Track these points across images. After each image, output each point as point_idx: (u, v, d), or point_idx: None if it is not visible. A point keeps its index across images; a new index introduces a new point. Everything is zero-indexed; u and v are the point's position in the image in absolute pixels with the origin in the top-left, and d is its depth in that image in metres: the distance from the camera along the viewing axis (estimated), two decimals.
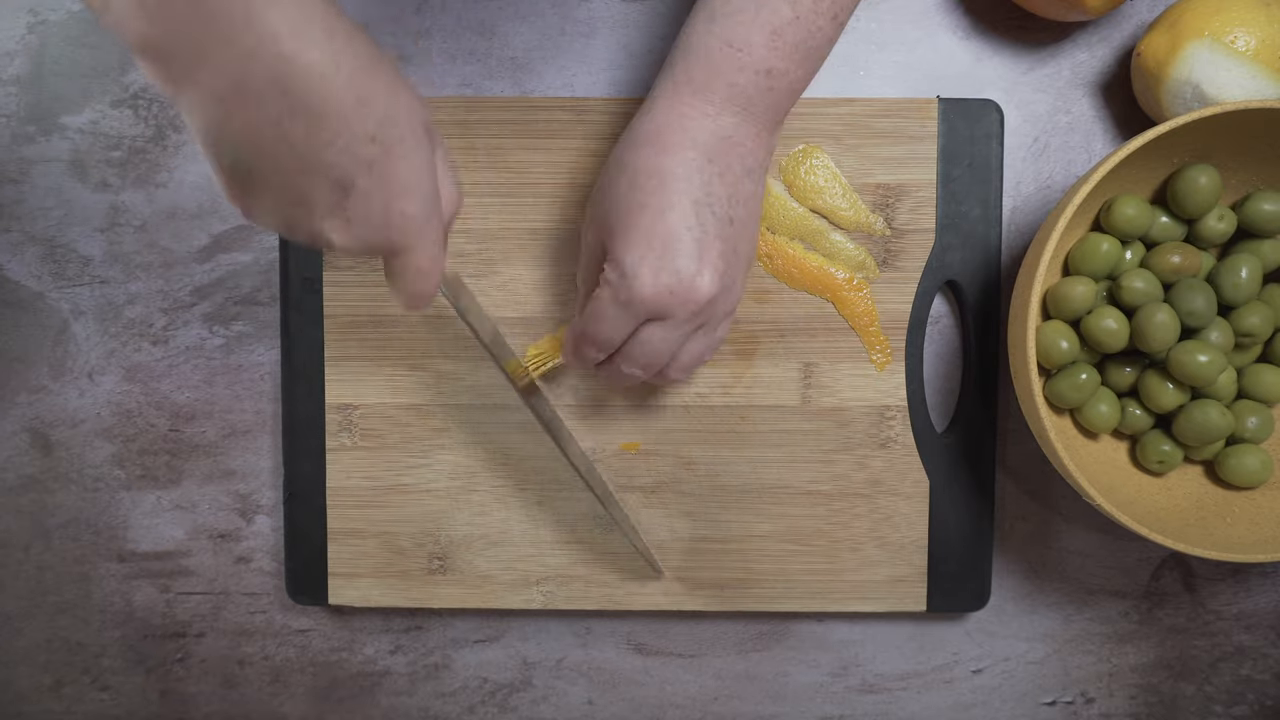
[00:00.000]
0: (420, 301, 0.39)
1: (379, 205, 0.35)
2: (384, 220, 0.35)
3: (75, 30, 0.55)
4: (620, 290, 0.42)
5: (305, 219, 0.35)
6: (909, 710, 0.57)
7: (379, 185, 0.34)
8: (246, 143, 0.32)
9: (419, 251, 0.37)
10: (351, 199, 0.34)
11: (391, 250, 0.37)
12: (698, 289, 0.42)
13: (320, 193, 0.34)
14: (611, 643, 0.57)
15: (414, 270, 0.38)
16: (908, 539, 0.54)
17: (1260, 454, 0.50)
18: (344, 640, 0.58)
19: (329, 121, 0.32)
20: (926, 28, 0.55)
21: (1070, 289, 0.48)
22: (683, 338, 0.44)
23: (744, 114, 0.43)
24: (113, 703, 0.58)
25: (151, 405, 0.56)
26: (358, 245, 0.36)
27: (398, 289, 0.38)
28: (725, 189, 0.42)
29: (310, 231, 0.35)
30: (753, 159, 0.43)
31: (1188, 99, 0.49)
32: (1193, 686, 0.57)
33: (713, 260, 0.42)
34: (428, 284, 0.38)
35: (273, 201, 0.34)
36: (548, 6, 0.55)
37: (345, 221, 0.35)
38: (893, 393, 0.54)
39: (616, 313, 0.43)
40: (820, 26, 0.42)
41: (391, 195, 0.35)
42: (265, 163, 0.32)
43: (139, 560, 0.57)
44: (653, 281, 0.42)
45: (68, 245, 0.56)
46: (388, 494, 0.54)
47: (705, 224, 0.42)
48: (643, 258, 0.42)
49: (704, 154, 0.42)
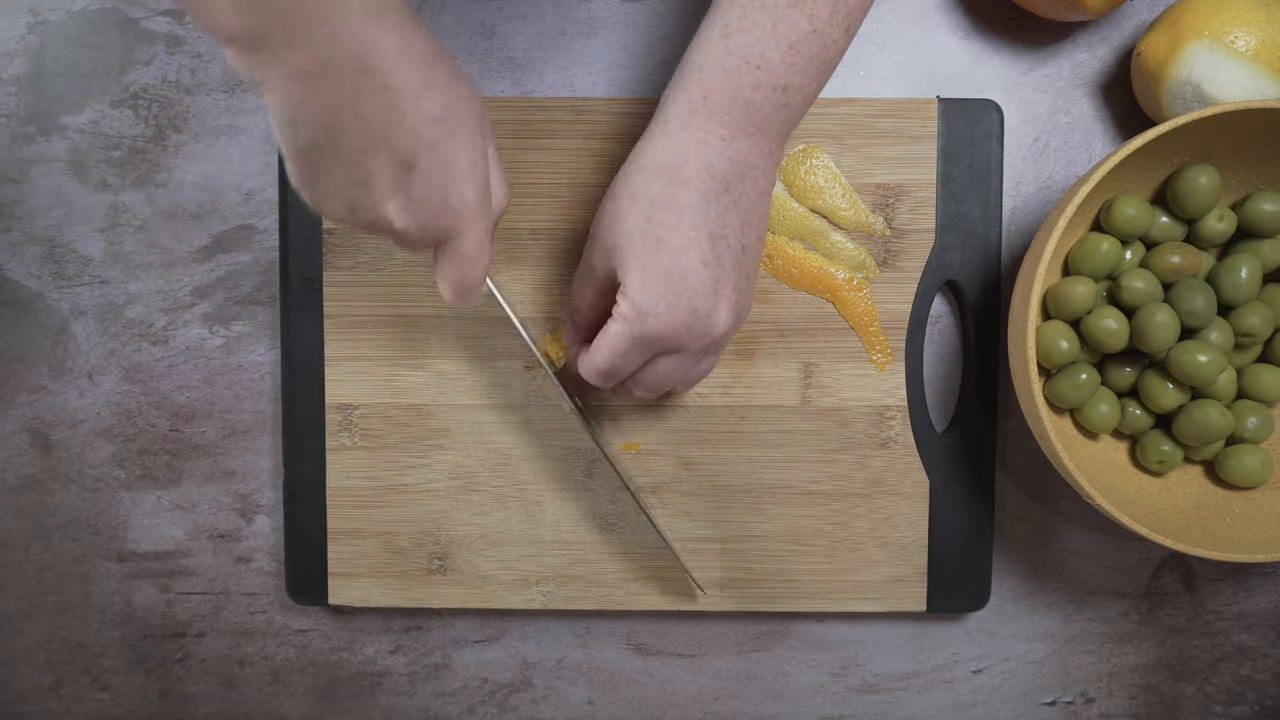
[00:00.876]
0: (467, 292, 0.40)
1: (438, 187, 0.37)
2: (442, 202, 0.37)
3: (75, 30, 0.55)
4: (635, 326, 0.42)
5: (368, 199, 0.36)
6: (909, 710, 0.57)
7: (439, 166, 0.36)
8: (322, 120, 0.34)
9: (470, 239, 0.39)
10: (412, 179, 0.36)
11: (445, 234, 0.38)
12: (714, 324, 0.42)
13: (384, 171, 0.35)
14: (611, 643, 0.57)
15: (464, 258, 0.39)
16: (908, 539, 0.54)
17: (1260, 454, 0.50)
18: (344, 640, 0.58)
19: (400, 100, 0.34)
20: (926, 28, 0.55)
21: (1070, 289, 0.48)
22: (694, 364, 0.45)
23: (758, 134, 0.42)
24: (113, 703, 0.58)
25: (151, 405, 0.56)
26: (416, 227, 0.37)
27: (447, 277, 0.40)
28: (739, 217, 0.42)
29: (372, 212, 0.37)
30: (765, 180, 0.43)
31: (1188, 99, 0.49)
32: (1193, 686, 0.57)
33: (728, 293, 0.42)
34: (476, 273, 0.40)
35: (339, 181, 0.36)
36: (548, 6, 0.55)
37: (406, 200, 0.36)
38: (893, 393, 0.54)
39: (630, 346, 0.43)
40: (835, 39, 0.42)
41: (450, 178, 0.37)
42: (337, 140, 0.34)
43: (139, 560, 0.57)
44: (669, 319, 0.41)
45: (68, 245, 0.56)
46: (388, 494, 0.54)
47: (721, 257, 0.42)
48: (660, 295, 0.41)
49: (720, 183, 0.42)
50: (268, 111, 0.34)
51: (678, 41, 0.55)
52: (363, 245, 0.53)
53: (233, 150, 0.55)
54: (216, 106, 0.55)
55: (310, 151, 0.35)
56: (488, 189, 0.39)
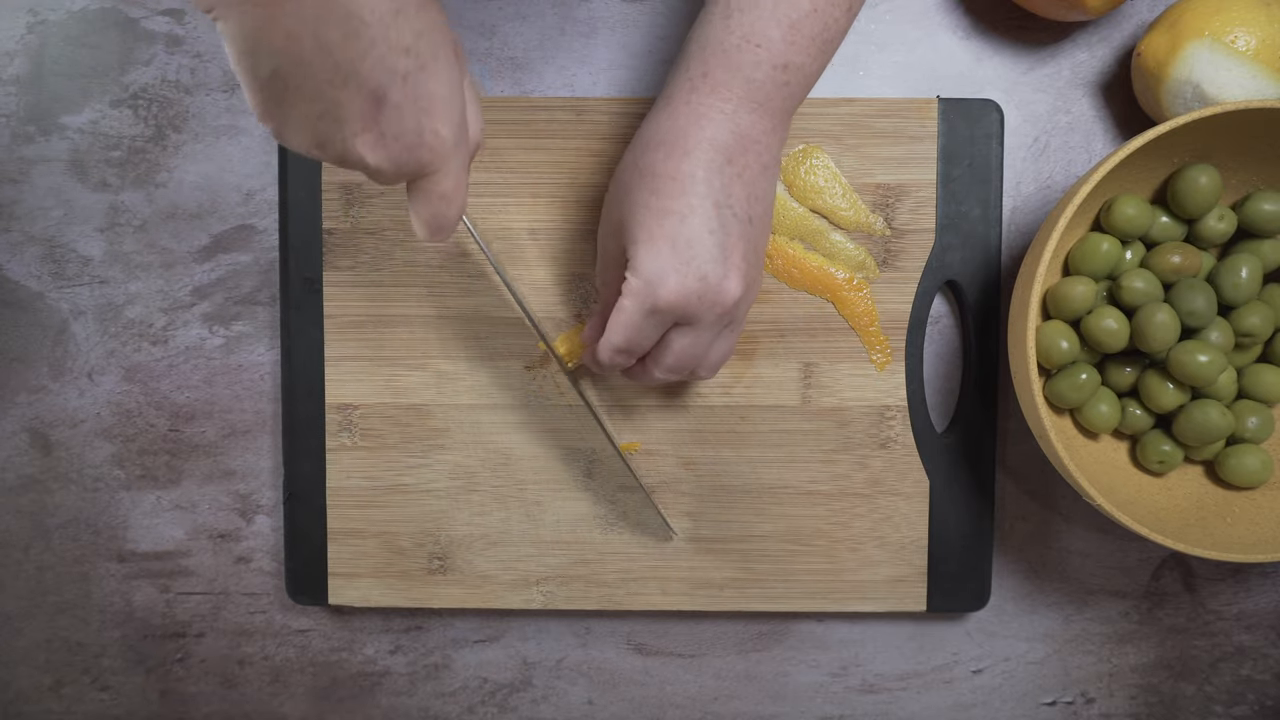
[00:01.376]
0: (442, 230, 0.39)
1: (411, 121, 0.35)
2: (416, 138, 0.35)
3: (75, 30, 0.55)
4: (646, 298, 0.42)
5: (337, 134, 0.34)
6: (909, 710, 0.57)
7: (411, 100, 0.34)
8: (284, 50, 0.32)
9: (446, 174, 0.37)
10: (384, 113, 0.34)
11: (420, 170, 0.37)
12: (725, 291, 0.42)
13: (354, 104, 0.34)
14: (611, 643, 0.57)
15: (439, 195, 0.38)
16: (908, 539, 0.54)
17: (1260, 454, 0.50)
18: (344, 640, 0.58)
19: (367, 30, 0.32)
20: (926, 28, 0.55)
21: (1070, 289, 0.48)
22: (711, 339, 0.45)
23: (760, 110, 0.42)
24: (113, 703, 0.58)
25: (151, 405, 0.56)
26: (388, 164, 0.36)
27: (421, 215, 0.38)
28: (744, 189, 0.42)
29: (342, 148, 0.35)
30: (769, 155, 0.43)
31: (1188, 99, 0.49)
32: (1193, 686, 0.57)
33: (736, 262, 0.42)
34: (452, 210, 0.38)
35: (305, 114, 0.34)
36: (548, 6, 0.55)
37: (378, 136, 0.35)
38: (893, 393, 0.54)
39: (643, 320, 0.43)
40: (836, 18, 0.42)
41: (423, 111, 0.35)
42: (301, 71, 0.32)
43: (139, 560, 0.57)
44: (679, 287, 0.41)
45: (68, 245, 0.56)
46: (388, 494, 0.54)
47: (727, 226, 0.42)
48: (668, 264, 0.41)
49: (723, 154, 0.42)
50: (224, 40, 0.32)
51: (677, 42, 0.55)
52: (363, 245, 0.53)
53: (233, 150, 0.55)
54: (216, 106, 0.55)
55: (272, 82, 0.32)
56: (464, 123, 0.37)
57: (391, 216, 0.53)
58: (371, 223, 0.53)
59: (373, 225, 0.53)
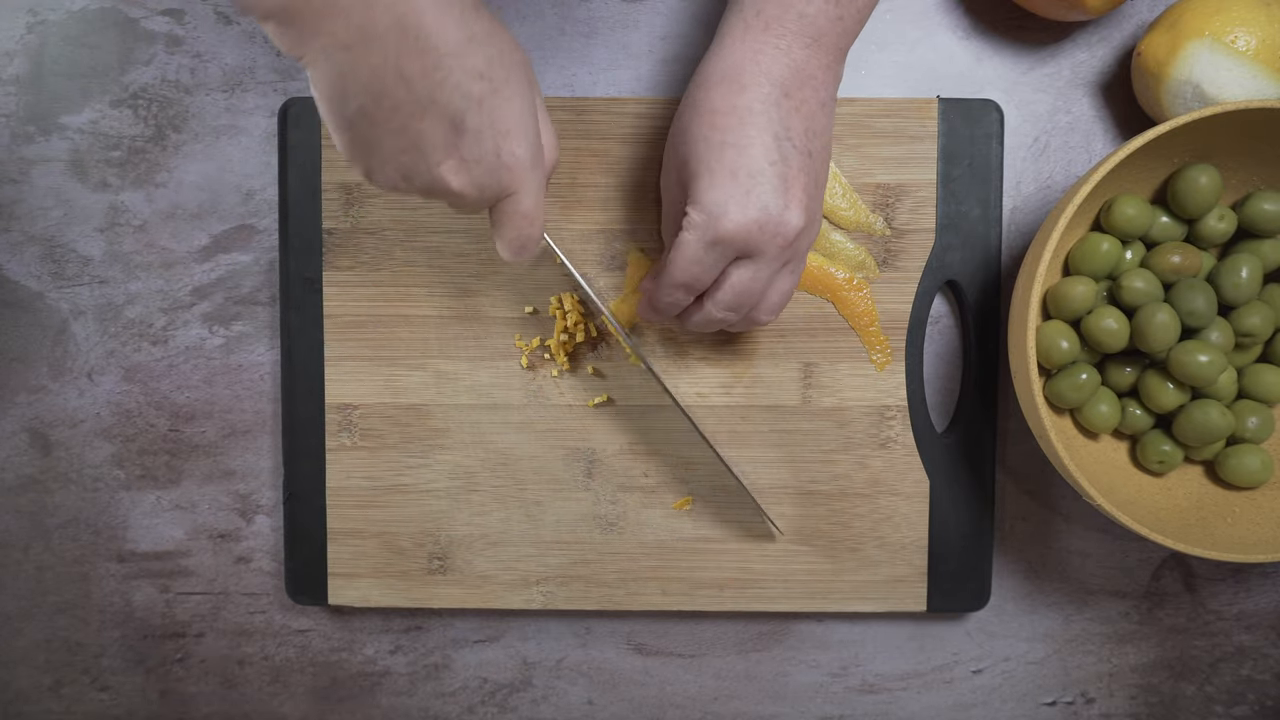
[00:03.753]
0: (526, 249, 0.41)
1: (490, 145, 0.37)
2: (495, 160, 0.37)
3: (75, 30, 0.55)
4: (708, 230, 0.42)
5: (421, 164, 0.36)
6: (909, 710, 0.57)
7: (488, 124, 0.36)
8: (368, 87, 0.34)
9: (526, 194, 0.39)
10: (464, 139, 0.36)
11: (501, 192, 0.38)
12: (786, 223, 0.42)
13: (435, 133, 0.35)
14: (611, 643, 0.57)
15: (521, 214, 0.39)
16: (908, 539, 0.54)
17: (1260, 454, 0.50)
18: (344, 640, 0.58)
19: (444, 59, 0.34)
20: (926, 28, 0.55)
21: (1070, 289, 0.48)
22: (771, 276, 0.44)
23: (815, 45, 0.43)
24: (113, 703, 0.58)
25: (151, 405, 0.56)
26: (471, 188, 0.37)
27: (506, 237, 0.40)
28: (802, 122, 0.43)
29: (428, 177, 0.37)
30: (825, 91, 0.44)
31: (1188, 99, 0.49)
32: (1193, 686, 0.57)
33: (797, 194, 0.42)
34: (533, 229, 0.40)
35: (391, 149, 0.36)
36: (548, 6, 0.55)
37: (460, 162, 0.37)
38: (893, 393, 0.54)
39: (704, 253, 0.43)
40: None
41: (500, 135, 0.37)
42: (385, 105, 0.34)
43: (139, 560, 0.57)
44: (740, 217, 0.42)
45: (68, 245, 0.56)
46: (388, 494, 0.54)
47: (788, 158, 0.42)
48: (729, 195, 0.42)
49: (780, 89, 0.42)
50: (312, 85, 0.34)
51: (678, 42, 0.55)
52: (363, 245, 0.53)
53: (233, 150, 0.55)
54: (216, 106, 0.55)
55: (359, 121, 0.35)
56: (540, 143, 0.39)
57: (391, 216, 0.53)
58: (371, 223, 0.53)
59: (373, 225, 0.53)
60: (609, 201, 0.53)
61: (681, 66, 0.55)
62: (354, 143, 0.36)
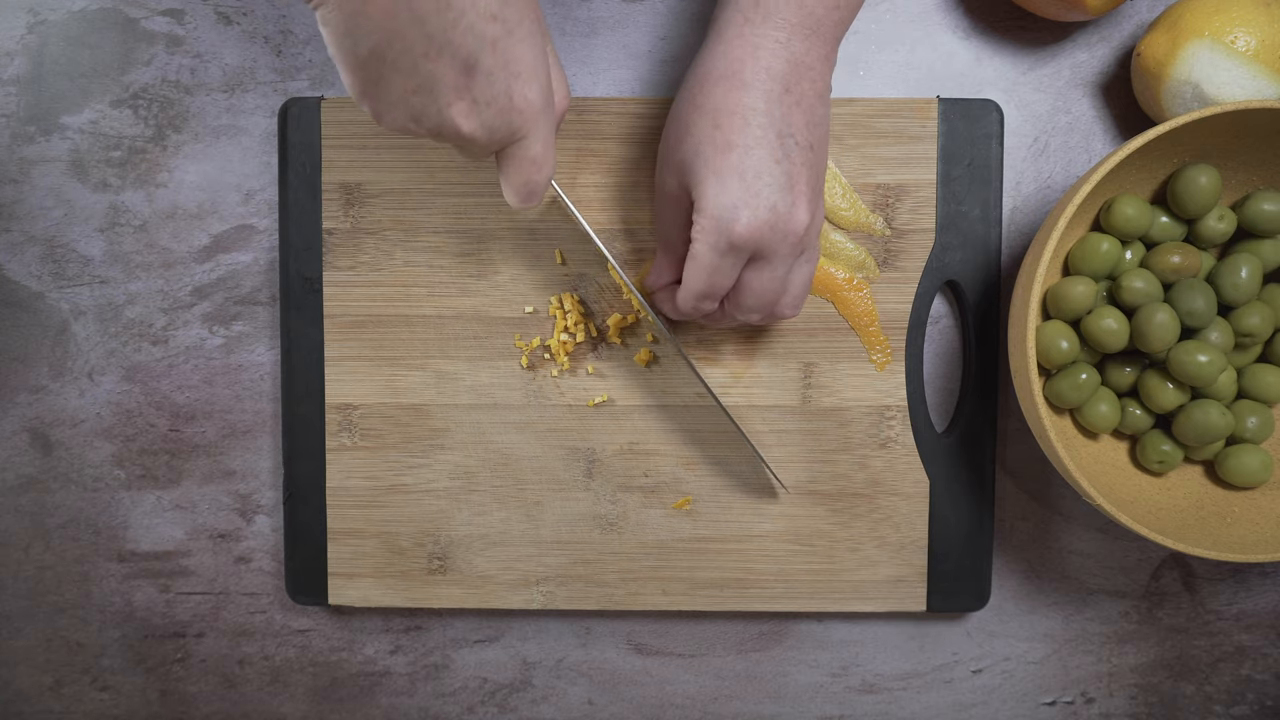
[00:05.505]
0: (534, 194, 0.41)
1: (502, 86, 0.37)
2: (507, 101, 0.37)
3: (75, 30, 0.55)
4: (719, 236, 0.42)
5: (432, 105, 0.36)
6: (909, 710, 0.57)
7: (501, 65, 0.36)
8: (380, 26, 0.34)
9: (535, 139, 0.39)
10: (475, 80, 0.36)
11: (511, 136, 0.38)
12: (795, 219, 0.42)
13: (447, 75, 0.36)
14: (611, 643, 0.57)
15: (530, 160, 0.39)
16: (908, 539, 0.54)
17: (1260, 454, 0.50)
18: (344, 640, 0.58)
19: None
20: (926, 28, 0.55)
21: (1070, 289, 0.48)
22: (786, 272, 0.45)
23: (813, 36, 0.43)
24: (113, 703, 0.58)
25: (151, 405, 0.56)
26: (482, 130, 0.37)
27: (513, 182, 0.40)
28: (803, 116, 0.43)
29: (438, 119, 0.37)
30: (822, 82, 0.44)
31: (1188, 99, 0.49)
32: (1193, 686, 0.57)
33: (802, 189, 0.43)
34: (542, 174, 0.40)
35: (401, 90, 0.36)
36: (548, 6, 0.55)
37: (471, 104, 0.37)
38: (893, 393, 0.54)
39: (720, 260, 0.43)
40: None
41: (512, 76, 0.37)
42: (397, 45, 0.34)
43: (139, 560, 0.57)
44: (751, 220, 0.42)
45: (68, 245, 0.56)
46: (388, 494, 0.54)
47: (791, 155, 0.42)
48: (737, 198, 0.42)
49: (781, 84, 0.42)
50: (323, 27, 0.34)
51: (678, 41, 0.55)
52: (363, 245, 0.53)
53: (233, 150, 0.55)
54: (216, 106, 0.55)
55: (370, 61, 0.35)
56: (550, 87, 0.39)
57: (391, 216, 0.53)
58: (371, 223, 0.53)
59: (373, 225, 0.53)
60: (609, 201, 0.53)
61: (681, 67, 0.55)
62: (364, 83, 0.36)
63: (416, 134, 0.38)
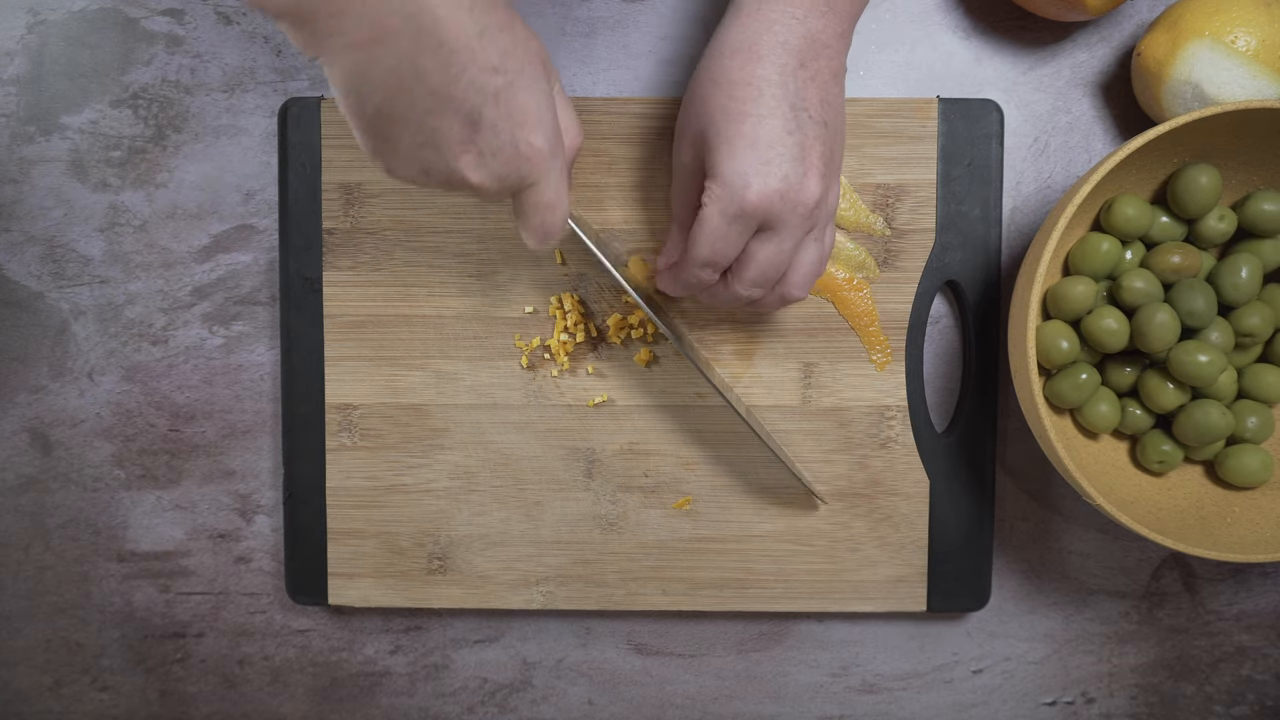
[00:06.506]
0: (549, 236, 0.41)
1: (507, 137, 0.37)
2: (513, 152, 0.37)
3: (75, 30, 0.55)
4: (730, 202, 0.42)
5: (440, 159, 0.37)
6: (909, 710, 0.57)
7: (505, 116, 0.36)
8: (384, 85, 0.34)
9: (547, 184, 0.39)
10: (480, 133, 0.36)
11: (521, 182, 0.39)
12: (805, 190, 0.42)
13: (452, 129, 0.36)
14: (611, 643, 0.57)
15: (543, 205, 0.40)
16: (908, 539, 0.54)
17: (1260, 454, 0.50)
18: (344, 640, 0.58)
19: (457, 55, 0.34)
20: (926, 28, 0.55)
21: (1070, 289, 0.48)
22: (794, 247, 0.44)
23: (830, 14, 0.43)
24: (113, 703, 0.58)
25: (151, 405, 0.56)
26: (491, 181, 0.38)
27: (527, 226, 0.40)
28: (818, 92, 0.43)
29: (447, 171, 0.37)
30: (838, 61, 0.44)
31: (1188, 99, 0.49)
32: (1193, 686, 0.57)
33: (814, 162, 0.43)
34: (556, 218, 0.40)
35: (409, 145, 0.36)
36: (548, 6, 0.55)
37: (478, 156, 0.37)
38: (893, 393, 0.54)
39: (728, 226, 0.43)
40: None
41: (517, 126, 0.37)
42: (402, 103, 0.35)
43: (139, 560, 0.57)
44: (761, 187, 0.42)
45: (68, 245, 0.56)
46: (388, 494, 0.54)
47: (804, 127, 0.42)
48: (749, 165, 0.42)
49: (796, 58, 0.42)
50: (330, 83, 0.35)
51: (678, 42, 0.55)
52: (363, 245, 0.53)
53: (233, 150, 0.55)
54: (216, 106, 0.55)
55: (378, 119, 0.35)
56: (558, 131, 0.39)
57: (391, 216, 0.53)
58: (371, 223, 0.53)
59: (373, 225, 0.53)
60: (609, 201, 0.53)
61: (681, 66, 0.55)
62: (374, 139, 0.36)
63: (428, 186, 0.38)
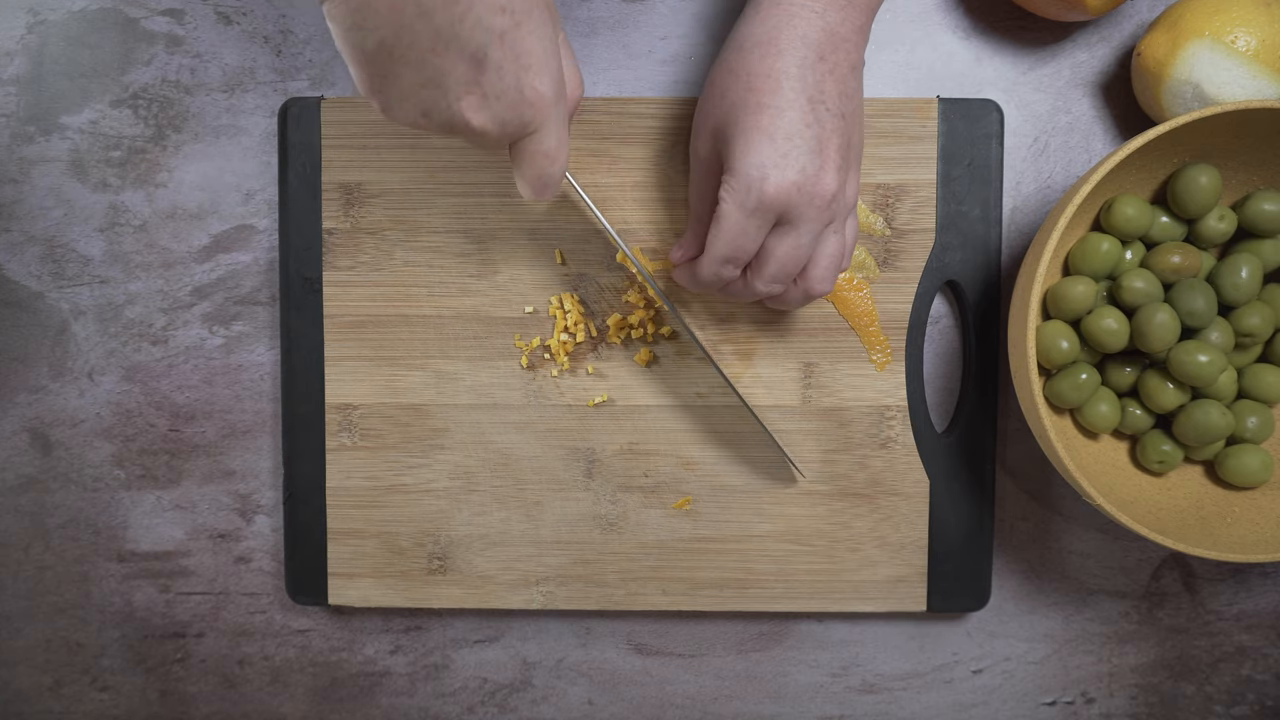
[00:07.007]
0: (548, 188, 0.40)
1: (511, 79, 0.36)
2: (517, 95, 0.37)
3: (75, 30, 0.55)
4: (747, 195, 0.42)
5: (442, 100, 0.36)
6: (909, 710, 0.57)
7: (511, 58, 0.36)
8: (389, 20, 0.33)
9: (547, 132, 0.38)
10: (485, 73, 0.35)
11: (523, 129, 0.38)
12: (823, 183, 0.42)
13: (456, 69, 0.35)
14: (611, 643, 0.57)
15: (543, 153, 0.39)
16: (908, 539, 0.54)
17: (1260, 454, 0.50)
18: (344, 640, 0.58)
19: None
20: (926, 28, 0.55)
21: (1070, 289, 0.48)
22: (813, 241, 0.44)
23: (849, 7, 0.43)
24: (113, 703, 0.58)
25: (151, 405, 0.56)
26: (493, 124, 0.37)
27: (526, 174, 0.40)
28: (836, 85, 0.43)
29: (448, 113, 0.36)
30: (856, 55, 0.44)
31: (1188, 99, 0.49)
32: (1193, 686, 0.57)
33: (832, 155, 0.43)
34: (555, 168, 0.40)
35: (410, 84, 0.35)
36: None
37: (481, 98, 0.36)
38: (893, 393, 0.54)
39: (746, 220, 0.43)
40: None
41: (522, 68, 0.36)
42: (405, 39, 0.34)
43: (139, 560, 0.57)
44: (779, 180, 0.42)
45: (68, 245, 0.56)
46: (387, 494, 0.54)
47: (822, 120, 0.42)
48: (766, 158, 0.42)
49: (815, 51, 0.42)
50: (330, 21, 0.34)
51: (678, 42, 0.55)
52: (363, 245, 0.53)
53: (233, 150, 0.55)
54: (216, 106, 0.55)
55: (378, 56, 0.34)
56: (562, 79, 0.38)
57: (391, 216, 0.53)
58: (371, 223, 0.53)
59: (373, 225, 0.53)
60: (609, 201, 0.53)
61: (681, 66, 0.55)
62: (373, 78, 0.35)
63: (427, 129, 0.37)
